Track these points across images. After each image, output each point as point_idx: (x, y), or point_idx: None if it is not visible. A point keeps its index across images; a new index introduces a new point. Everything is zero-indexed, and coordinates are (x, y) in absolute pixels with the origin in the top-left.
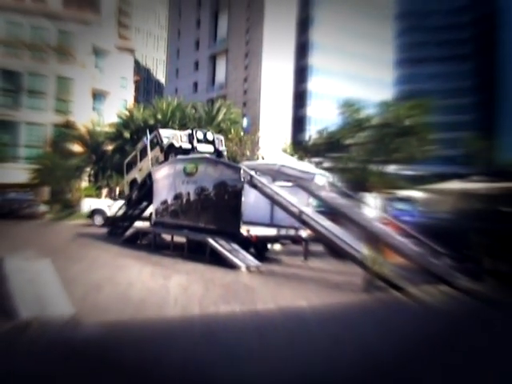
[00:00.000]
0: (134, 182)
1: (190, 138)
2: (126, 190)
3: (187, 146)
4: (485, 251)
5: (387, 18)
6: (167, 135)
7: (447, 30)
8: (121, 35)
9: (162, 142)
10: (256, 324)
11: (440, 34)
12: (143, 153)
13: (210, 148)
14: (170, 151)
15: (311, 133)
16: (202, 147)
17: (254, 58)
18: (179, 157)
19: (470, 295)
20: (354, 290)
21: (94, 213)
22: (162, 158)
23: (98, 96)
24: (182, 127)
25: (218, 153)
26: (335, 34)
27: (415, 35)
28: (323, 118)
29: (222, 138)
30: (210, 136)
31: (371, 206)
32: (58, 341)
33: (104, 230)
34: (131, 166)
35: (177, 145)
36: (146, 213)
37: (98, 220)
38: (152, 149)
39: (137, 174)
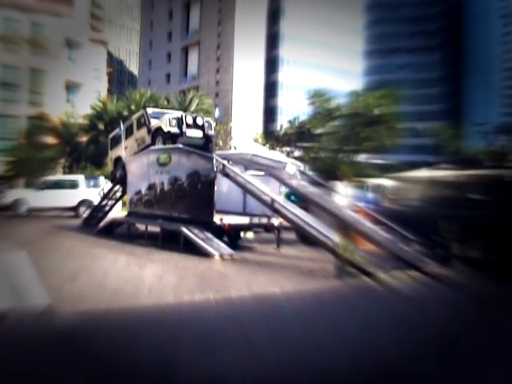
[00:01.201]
0: (118, 159)
1: (179, 122)
2: (110, 167)
3: (176, 130)
4: (453, 237)
5: (357, 9)
6: (156, 114)
7: (416, 22)
8: (94, 27)
9: (149, 123)
10: (231, 311)
11: (409, 25)
12: (129, 131)
13: (199, 133)
14: (158, 134)
15: (282, 123)
16: (191, 132)
17: (226, 50)
18: (152, 147)
19: (439, 280)
20: (326, 276)
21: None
22: (148, 139)
23: (71, 88)
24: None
25: (206, 138)
26: (305, 25)
27: (385, 26)
28: (294, 108)
29: (211, 122)
30: (199, 121)
31: (342, 194)
32: (34, 331)
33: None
34: (116, 141)
35: (165, 129)
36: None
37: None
38: (138, 128)
39: (122, 152)
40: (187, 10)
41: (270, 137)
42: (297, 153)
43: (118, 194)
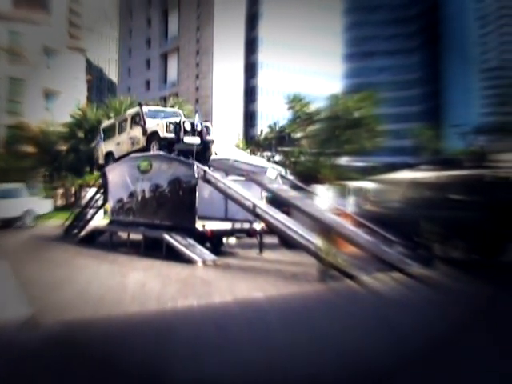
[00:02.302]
0: (109, 154)
1: (177, 128)
2: (100, 159)
3: (173, 136)
4: (435, 238)
5: (336, 12)
6: (152, 114)
7: (394, 24)
8: (72, 35)
9: (144, 123)
10: (214, 317)
11: (388, 27)
12: (123, 126)
13: (197, 140)
14: (153, 139)
15: (263, 127)
16: (188, 139)
17: (205, 56)
18: (133, 154)
19: (422, 282)
20: (310, 280)
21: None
22: (143, 141)
23: (50, 96)
24: None
25: (204, 144)
26: (284, 30)
27: (363, 29)
28: (274, 112)
29: (210, 126)
30: (198, 126)
31: (323, 198)
32: (17, 342)
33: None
34: (109, 134)
35: (161, 134)
36: None
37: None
38: (133, 126)
39: (113, 148)
40: (165, 17)
41: (251, 142)
42: (277, 157)
43: (100, 203)
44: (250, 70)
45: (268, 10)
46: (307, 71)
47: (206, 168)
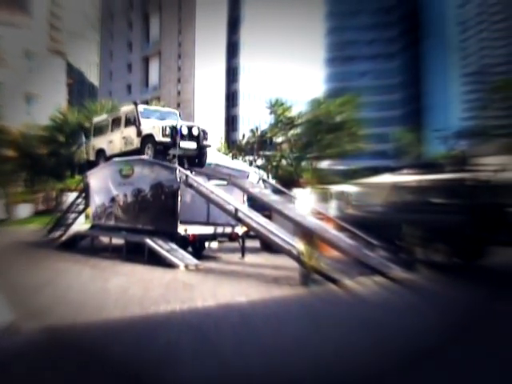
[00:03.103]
0: (100, 151)
1: (173, 133)
2: (91, 156)
3: (168, 141)
4: (417, 242)
5: (317, 17)
6: (148, 114)
7: (375, 29)
8: (53, 38)
9: (139, 124)
10: (196, 321)
11: (368, 32)
12: (116, 124)
13: (193, 145)
14: (148, 142)
15: (244, 132)
16: (184, 144)
17: (187, 59)
18: (115, 159)
19: (404, 285)
20: (292, 284)
21: None
22: (137, 143)
23: (30, 99)
24: None
25: (200, 149)
26: (266, 34)
27: (345, 34)
28: (256, 116)
29: (207, 131)
30: (195, 131)
31: (305, 202)
32: None
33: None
34: (101, 130)
35: (157, 138)
36: None
37: None
38: (127, 125)
39: (105, 145)
40: (147, 20)
41: (233, 146)
42: (259, 161)
43: (81, 207)
44: (232, 74)
45: (250, 14)
46: (289, 76)
47: (187, 172)
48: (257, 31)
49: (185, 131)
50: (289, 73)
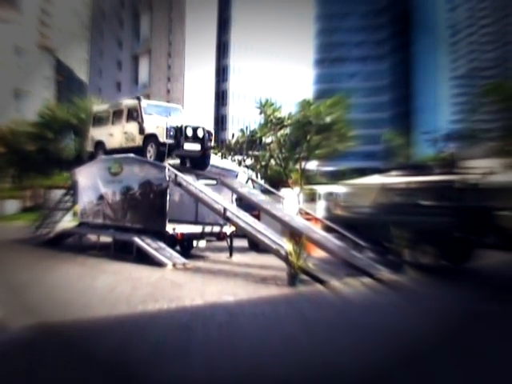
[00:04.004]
0: (100, 143)
1: (178, 134)
2: (89, 147)
3: (172, 142)
4: (405, 243)
5: (307, 19)
6: (151, 110)
7: (365, 31)
8: (42, 34)
9: (142, 121)
10: (184, 320)
11: (358, 34)
12: (117, 116)
13: (198, 147)
14: (151, 141)
15: (234, 131)
16: (189, 145)
17: (177, 58)
18: (104, 156)
19: (391, 287)
20: (279, 284)
21: None
22: (139, 140)
23: (19, 95)
24: None
25: (204, 151)
26: (256, 34)
27: (334, 35)
28: (245, 116)
29: (212, 132)
30: (200, 133)
31: (293, 202)
32: None
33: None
34: (101, 121)
35: (161, 139)
36: None
37: None
38: (128, 120)
39: (105, 138)
40: (137, 19)
41: (222, 145)
42: (248, 161)
43: (69, 204)
44: (222, 73)
45: (240, 14)
46: (278, 76)
47: (177, 171)
48: (247, 31)
49: (189, 133)
50: (279, 73)
